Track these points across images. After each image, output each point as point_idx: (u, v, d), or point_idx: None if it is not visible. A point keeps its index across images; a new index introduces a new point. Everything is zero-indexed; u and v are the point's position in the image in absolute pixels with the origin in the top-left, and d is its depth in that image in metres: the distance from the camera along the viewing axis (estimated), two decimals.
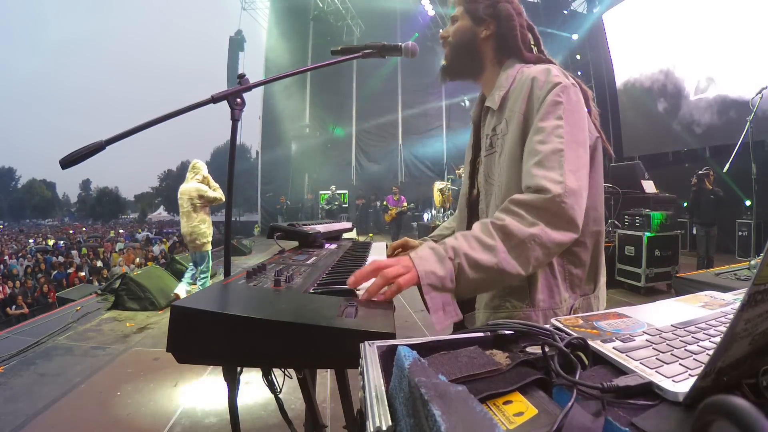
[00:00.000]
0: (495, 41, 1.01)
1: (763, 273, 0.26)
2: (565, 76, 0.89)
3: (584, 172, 0.81)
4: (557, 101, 0.84)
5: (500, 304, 0.93)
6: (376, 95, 14.18)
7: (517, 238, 0.73)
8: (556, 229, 0.75)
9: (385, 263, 0.68)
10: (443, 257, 0.70)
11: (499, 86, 0.97)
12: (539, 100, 0.86)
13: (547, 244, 0.74)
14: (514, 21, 0.99)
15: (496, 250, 0.71)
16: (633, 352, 0.38)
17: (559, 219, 0.75)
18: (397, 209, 9.56)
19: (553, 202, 0.75)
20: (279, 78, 1.08)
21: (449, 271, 0.69)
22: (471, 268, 0.70)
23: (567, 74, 0.91)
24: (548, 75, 0.88)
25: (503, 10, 1.00)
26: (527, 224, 0.74)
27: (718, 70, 7.83)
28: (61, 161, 0.74)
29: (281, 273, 0.77)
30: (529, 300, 0.89)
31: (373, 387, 0.33)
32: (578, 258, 0.91)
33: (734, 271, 2.56)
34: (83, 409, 2.38)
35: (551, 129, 0.82)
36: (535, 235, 0.73)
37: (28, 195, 54.33)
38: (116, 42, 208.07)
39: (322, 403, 2.26)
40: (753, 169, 4.01)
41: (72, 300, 5.08)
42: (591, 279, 0.93)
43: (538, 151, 0.81)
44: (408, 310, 4.08)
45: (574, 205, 0.76)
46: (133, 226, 33.74)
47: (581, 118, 0.85)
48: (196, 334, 0.56)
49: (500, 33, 1.00)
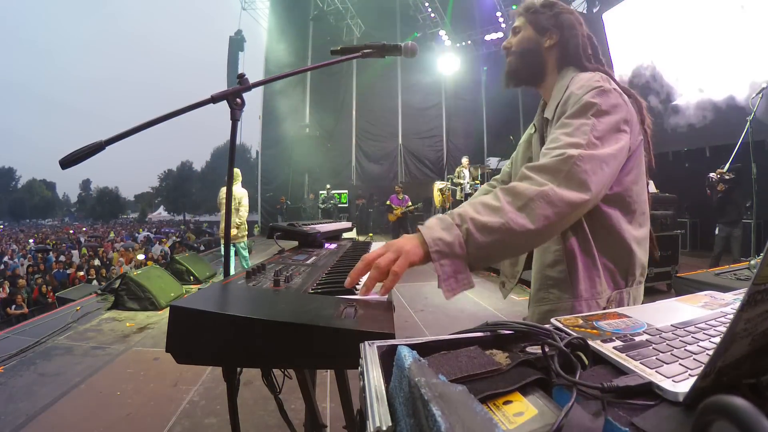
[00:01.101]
0: (558, 50, 1.04)
1: (763, 273, 0.26)
2: (608, 82, 0.89)
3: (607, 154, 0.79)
4: (591, 102, 0.84)
5: (544, 296, 0.96)
6: (377, 95, 14.18)
7: (525, 197, 0.71)
8: (567, 189, 0.73)
9: (375, 254, 0.67)
10: (450, 224, 0.69)
11: (554, 97, 0.99)
12: (574, 101, 0.87)
13: (555, 202, 0.71)
14: (577, 30, 1.03)
15: (503, 210, 0.70)
16: (633, 352, 0.38)
17: (570, 178, 0.73)
18: (402, 209, 9.50)
19: (566, 162, 0.74)
20: (279, 78, 1.08)
21: (457, 237, 0.68)
22: (479, 231, 0.68)
23: (613, 81, 0.92)
24: (590, 80, 0.89)
25: (566, 20, 1.03)
26: (536, 184, 0.73)
27: (718, 70, 7.82)
28: (61, 161, 0.74)
29: (281, 273, 0.77)
30: (571, 290, 0.91)
31: (373, 387, 0.33)
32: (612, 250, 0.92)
33: (734, 271, 2.56)
34: (83, 409, 2.38)
35: (578, 125, 0.81)
36: (544, 192, 0.71)
37: (28, 195, 54.31)
38: (116, 42, 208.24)
39: (322, 403, 2.26)
40: (753, 169, 4.01)
41: (72, 300, 5.08)
42: (625, 273, 0.94)
43: (559, 139, 0.81)
44: (408, 310, 4.08)
45: (590, 171, 0.74)
46: (133, 226, 33.73)
47: (616, 121, 0.84)
48: (195, 334, 0.56)
49: (563, 42, 1.03)
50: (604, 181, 0.78)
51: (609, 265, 0.93)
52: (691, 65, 8.42)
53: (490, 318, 0.94)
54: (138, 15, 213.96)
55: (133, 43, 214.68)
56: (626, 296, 0.95)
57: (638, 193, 0.93)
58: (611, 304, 0.93)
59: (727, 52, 7.58)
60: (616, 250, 0.93)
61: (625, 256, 0.94)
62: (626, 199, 0.92)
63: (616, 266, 0.94)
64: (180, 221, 42.31)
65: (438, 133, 14.59)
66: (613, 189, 0.88)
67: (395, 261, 0.66)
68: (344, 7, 12.97)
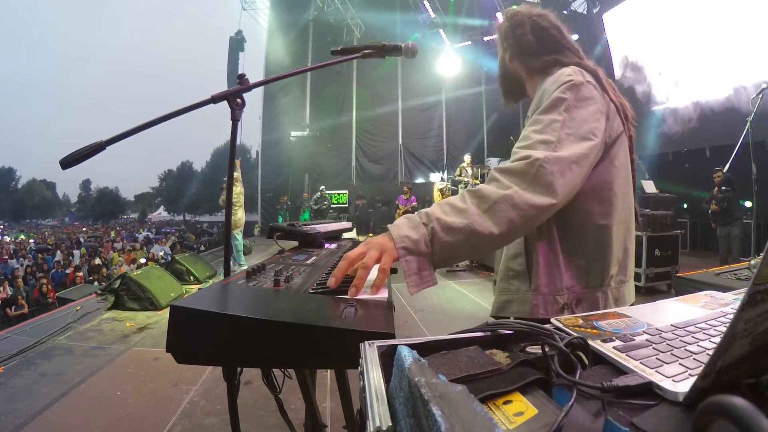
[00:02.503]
0: (516, 60, 1.06)
1: (763, 273, 0.26)
2: (581, 75, 0.88)
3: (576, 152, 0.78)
4: (561, 97, 0.84)
5: (505, 287, 0.96)
6: (377, 95, 14.18)
7: (490, 200, 0.73)
8: (532, 192, 0.73)
9: (358, 252, 0.68)
10: (417, 223, 0.71)
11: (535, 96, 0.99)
12: (545, 96, 0.87)
13: (520, 205, 0.72)
14: (512, 39, 1.05)
15: (468, 212, 0.72)
16: (633, 352, 0.38)
17: (535, 182, 0.73)
18: (405, 208, 9.52)
19: (532, 165, 0.74)
20: (279, 78, 1.08)
21: (423, 235, 0.70)
22: (443, 230, 0.70)
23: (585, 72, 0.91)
24: (561, 75, 0.89)
25: (503, 30, 1.06)
26: (502, 187, 0.74)
27: (718, 70, 7.82)
28: (61, 161, 0.74)
29: (281, 273, 0.77)
30: (529, 282, 0.91)
31: (373, 387, 0.33)
32: (579, 247, 0.90)
33: (734, 271, 2.55)
34: (83, 409, 2.38)
35: (548, 122, 0.82)
36: (508, 195, 0.72)
37: (28, 195, 54.24)
38: (116, 42, 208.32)
39: (322, 403, 2.26)
40: (753, 169, 4.01)
41: (72, 300, 5.08)
42: (598, 273, 0.91)
43: (530, 137, 0.81)
44: (408, 310, 4.08)
45: (556, 173, 0.74)
46: (133, 226, 33.72)
47: (588, 113, 0.83)
48: (195, 334, 0.56)
49: (516, 53, 1.05)
50: (573, 182, 0.77)
51: (579, 261, 0.90)
52: (692, 65, 8.41)
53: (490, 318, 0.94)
54: (138, 15, 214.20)
55: (133, 44, 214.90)
56: (602, 296, 0.90)
57: (620, 186, 0.90)
58: (580, 302, 0.90)
59: (728, 52, 7.58)
60: (588, 247, 0.90)
61: (599, 252, 0.90)
62: (604, 193, 0.89)
63: (588, 263, 0.90)
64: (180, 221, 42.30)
65: (438, 133, 14.59)
66: (589, 182, 0.85)
67: (380, 259, 0.67)
68: (344, 7, 12.97)
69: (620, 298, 0.93)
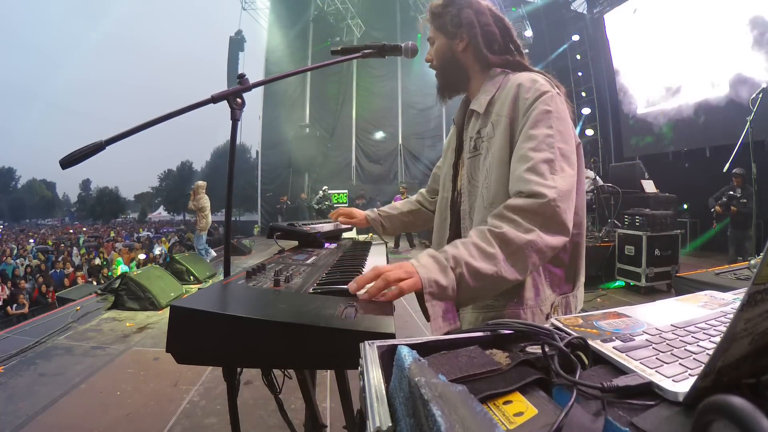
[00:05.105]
0: (472, 51, 1.01)
1: (763, 273, 0.26)
2: (550, 85, 0.91)
3: (573, 176, 0.84)
4: (547, 110, 0.85)
5: (491, 303, 0.95)
6: (377, 95, 14.18)
7: (515, 245, 0.74)
8: (551, 234, 0.77)
9: (387, 267, 0.69)
10: (445, 267, 0.71)
11: (484, 91, 0.98)
12: (526, 106, 0.87)
13: (543, 249, 0.76)
14: (476, 27, 0.99)
15: (497, 258, 0.73)
16: (633, 352, 0.38)
17: (553, 222, 0.77)
18: None
19: (548, 206, 0.77)
20: (279, 78, 1.08)
21: (451, 281, 0.70)
22: (472, 277, 0.71)
23: (552, 82, 0.93)
24: (535, 83, 0.90)
25: (465, 17, 0.99)
26: (524, 230, 0.75)
27: (718, 70, 7.82)
28: (61, 161, 0.74)
29: (281, 273, 0.77)
30: (517, 298, 0.91)
31: (373, 387, 0.33)
32: (559, 259, 0.93)
33: (734, 271, 2.55)
34: (83, 409, 2.38)
35: (543, 137, 0.83)
36: (532, 241, 0.75)
37: (28, 195, 54.27)
38: (116, 42, 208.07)
39: (322, 403, 2.26)
40: (753, 169, 4.01)
41: (72, 300, 5.07)
42: (570, 279, 0.96)
43: (530, 157, 0.82)
44: (408, 310, 4.08)
45: (567, 209, 0.79)
46: (133, 226, 33.71)
47: (569, 125, 0.88)
48: (195, 334, 0.56)
49: (473, 41, 1.00)
50: (573, 212, 0.82)
51: (555, 271, 0.94)
52: (692, 65, 8.41)
53: None
54: (138, 16, 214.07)
55: (133, 44, 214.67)
56: (573, 300, 0.96)
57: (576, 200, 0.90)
58: (557, 309, 0.94)
59: (728, 52, 7.58)
60: (561, 257, 0.93)
61: (573, 262, 0.95)
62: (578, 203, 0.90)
63: (564, 272, 0.95)
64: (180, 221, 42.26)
65: (438, 133, 14.58)
66: None
67: (404, 280, 0.67)
68: (344, 7, 12.96)
69: (580, 298, 0.99)
